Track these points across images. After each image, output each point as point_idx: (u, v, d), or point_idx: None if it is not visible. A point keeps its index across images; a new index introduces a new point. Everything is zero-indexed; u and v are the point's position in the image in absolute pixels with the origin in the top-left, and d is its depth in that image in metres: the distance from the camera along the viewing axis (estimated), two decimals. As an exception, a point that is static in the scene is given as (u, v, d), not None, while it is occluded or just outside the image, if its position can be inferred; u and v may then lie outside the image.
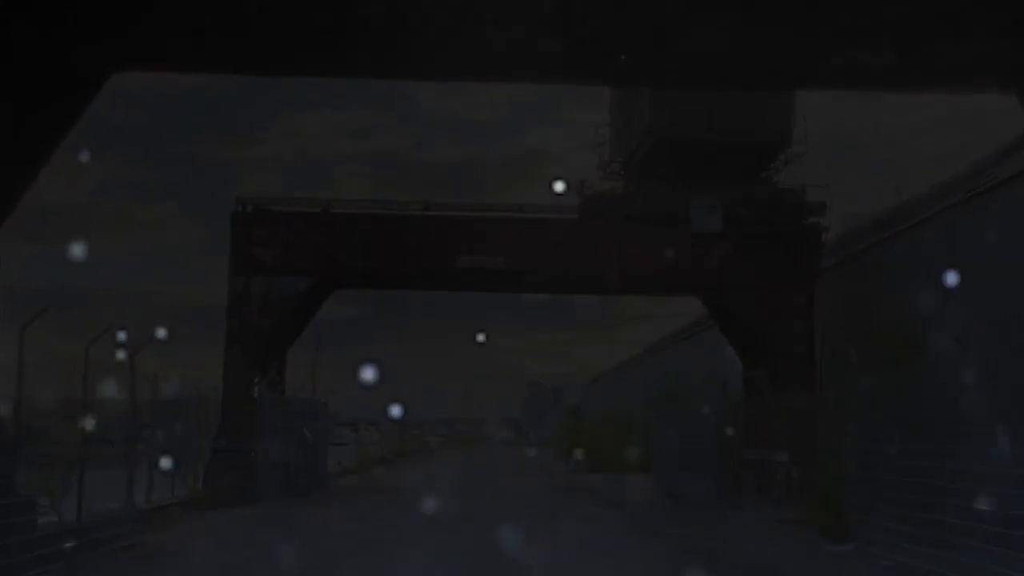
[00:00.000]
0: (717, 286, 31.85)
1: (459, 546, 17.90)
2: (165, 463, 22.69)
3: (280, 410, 31.53)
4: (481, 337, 39.24)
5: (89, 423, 16.66)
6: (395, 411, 39.53)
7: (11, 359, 14.11)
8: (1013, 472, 13.30)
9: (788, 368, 30.76)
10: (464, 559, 16.34)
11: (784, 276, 30.90)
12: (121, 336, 17.74)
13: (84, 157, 25.14)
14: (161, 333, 20.29)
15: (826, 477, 19.50)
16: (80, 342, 16.80)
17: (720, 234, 31.03)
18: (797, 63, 14.06)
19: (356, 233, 31.64)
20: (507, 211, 32.40)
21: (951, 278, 18.25)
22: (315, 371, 42.79)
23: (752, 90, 23.32)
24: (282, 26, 14.93)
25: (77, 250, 21.92)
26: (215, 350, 31.59)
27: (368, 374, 35.07)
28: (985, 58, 13.89)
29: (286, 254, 31.32)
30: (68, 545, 14.20)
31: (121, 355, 21.80)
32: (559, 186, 31.67)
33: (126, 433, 19.25)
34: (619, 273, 31.56)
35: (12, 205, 14.65)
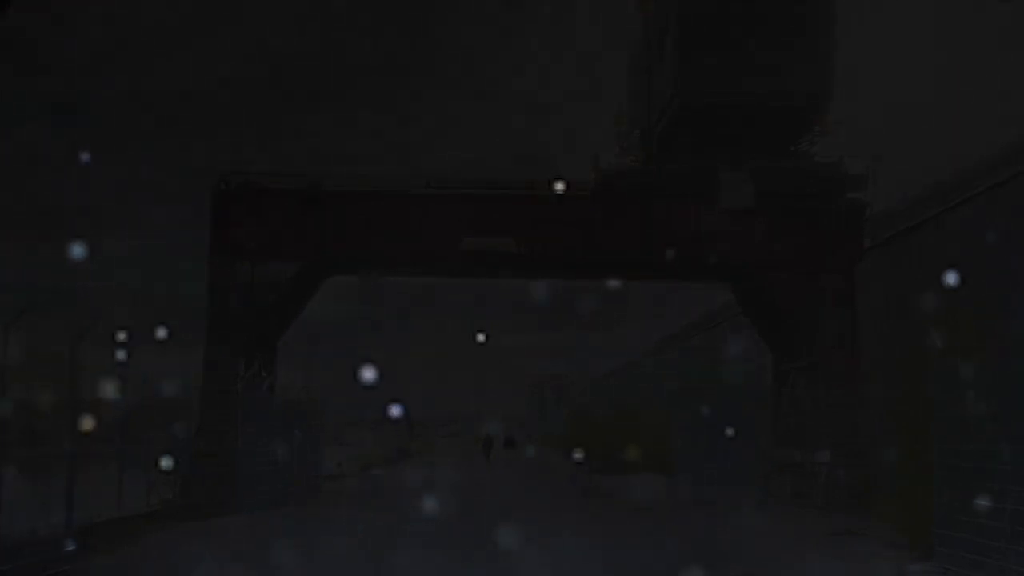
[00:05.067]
0: (748, 269, 28.92)
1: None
2: None
3: (267, 409, 28.62)
4: (481, 337, 36.32)
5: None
6: (395, 410, 36.85)
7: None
8: None
9: (828, 359, 27.94)
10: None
11: (823, 257, 28.10)
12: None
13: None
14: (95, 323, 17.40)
15: (906, 482, 16.48)
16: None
17: (751, 211, 28.14)
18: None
19: (350, 212, 28.85)
20: (516, 188, 29.39)
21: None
22: (309, 367, 39.88)
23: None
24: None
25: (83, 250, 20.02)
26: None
27: (368, 374, 32.42)
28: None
29: (272, 235, 28.52)
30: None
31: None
32: (559, 186, 28.65)
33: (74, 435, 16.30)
34: (639, 256, 28.80)
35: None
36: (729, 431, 29.22)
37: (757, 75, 27.76)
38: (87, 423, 18.51)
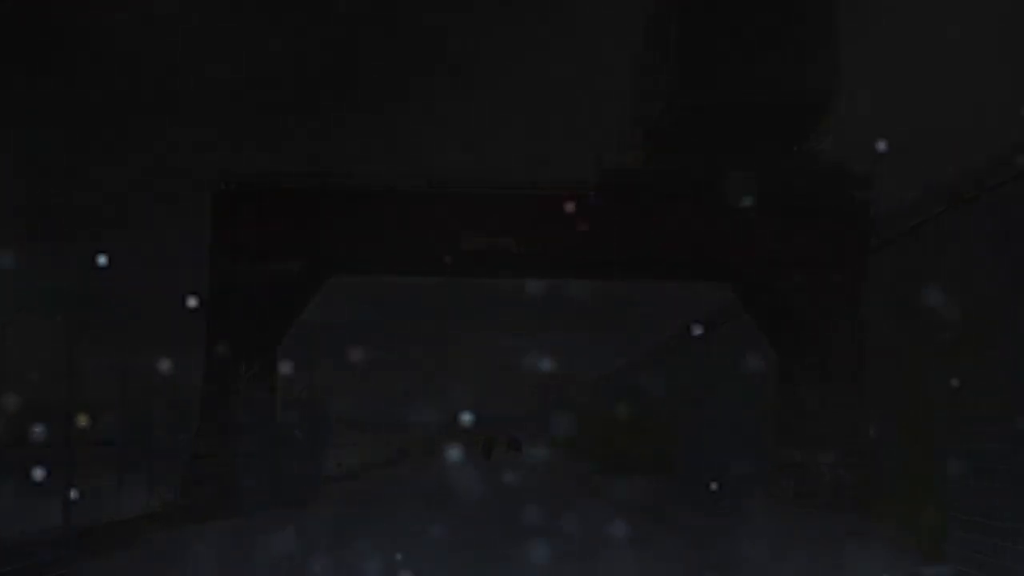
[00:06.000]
0: (750, 269, 28.75)
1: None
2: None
3: (268, 409, 28.53)
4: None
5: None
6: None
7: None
8: None
9: (831, 358, 27.76)
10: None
11: (827, 256, 27.91)
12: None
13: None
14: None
15: (911, 482, 16.35)
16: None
17: (755, 210, 27.99)
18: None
19: (351, 212, 28.67)
20: (516, 188, 29.25)
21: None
22: (312, 368, 39.78)
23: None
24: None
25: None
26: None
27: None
28: None
29: (272, 236, 28.40)
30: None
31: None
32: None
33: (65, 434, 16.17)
34: (639, 256, 28.70)
35: None
36: (731, 431, 29.09)
37: (760, 74, 27.62)
38: (82, 419, 18.30)
